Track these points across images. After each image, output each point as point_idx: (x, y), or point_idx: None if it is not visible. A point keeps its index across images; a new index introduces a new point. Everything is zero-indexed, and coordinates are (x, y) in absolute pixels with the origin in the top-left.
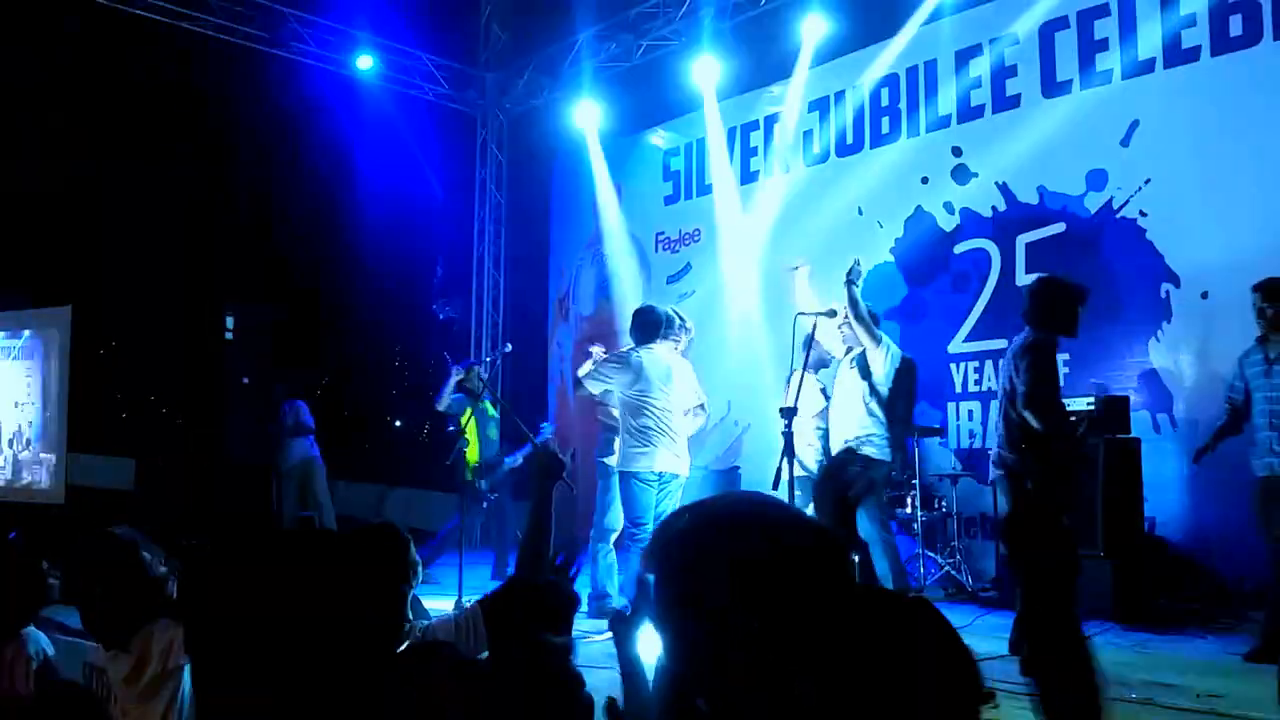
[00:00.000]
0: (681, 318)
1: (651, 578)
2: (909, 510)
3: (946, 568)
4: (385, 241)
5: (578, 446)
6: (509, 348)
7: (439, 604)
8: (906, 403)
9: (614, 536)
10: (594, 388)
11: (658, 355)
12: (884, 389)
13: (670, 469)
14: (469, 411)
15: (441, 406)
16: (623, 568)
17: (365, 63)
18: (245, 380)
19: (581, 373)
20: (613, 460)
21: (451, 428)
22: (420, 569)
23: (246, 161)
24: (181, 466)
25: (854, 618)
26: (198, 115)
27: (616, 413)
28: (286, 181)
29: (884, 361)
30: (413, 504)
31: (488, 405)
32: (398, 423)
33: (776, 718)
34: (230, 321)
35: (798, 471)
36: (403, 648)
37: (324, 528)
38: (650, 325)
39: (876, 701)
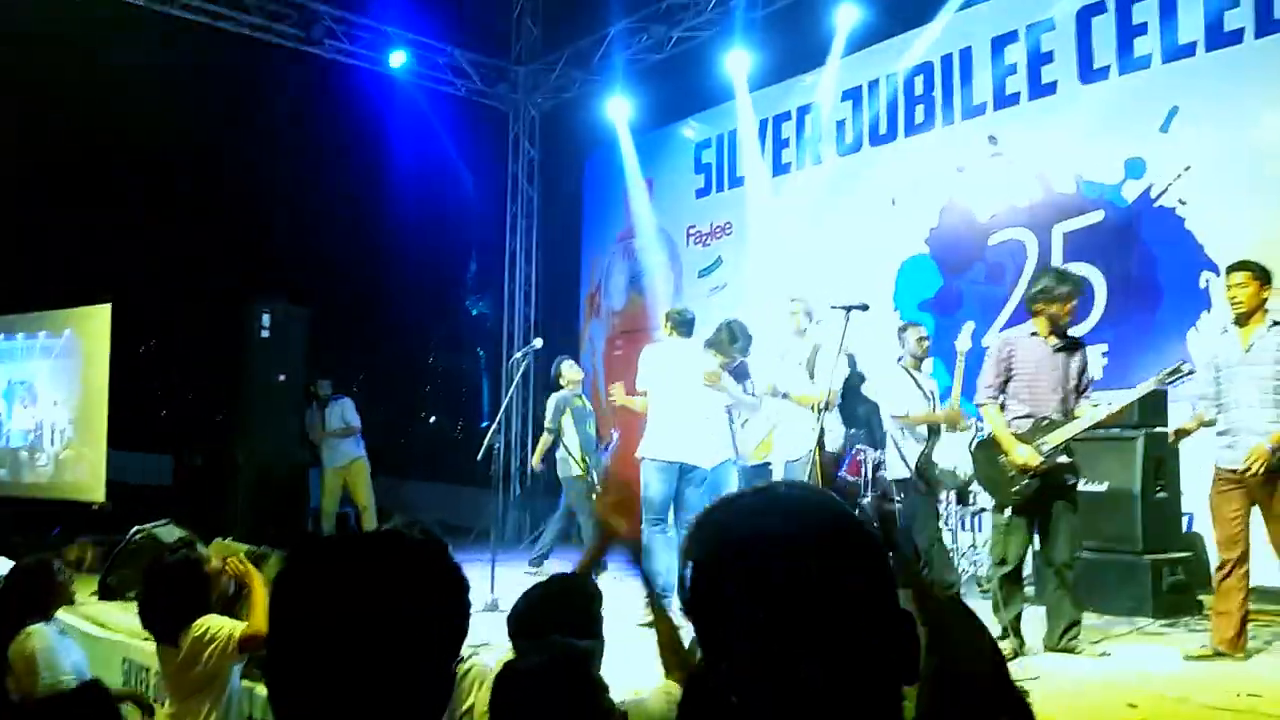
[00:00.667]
0: (735, 334)
1: (689, 570)
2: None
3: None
4: (418, 237)
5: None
6: (540, 343)
7: None
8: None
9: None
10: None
11: (674, 344)
12: None
13: (689, 459)
14: (567, 410)
15: (551, 423)
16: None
17: (398, 59)
18: (282, 378)
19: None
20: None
21: (485, 423)
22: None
23: (280, 159)
24: (219, 464)
25: (879, 610)
26: (233, 114)
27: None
28: (319, 179)
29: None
30: (446, 499)
31: (583, 400)
32: (432, 419)
33: (783, 706)
34: (266, 319)
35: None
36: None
37: (362, 527)
38: (687, 323)
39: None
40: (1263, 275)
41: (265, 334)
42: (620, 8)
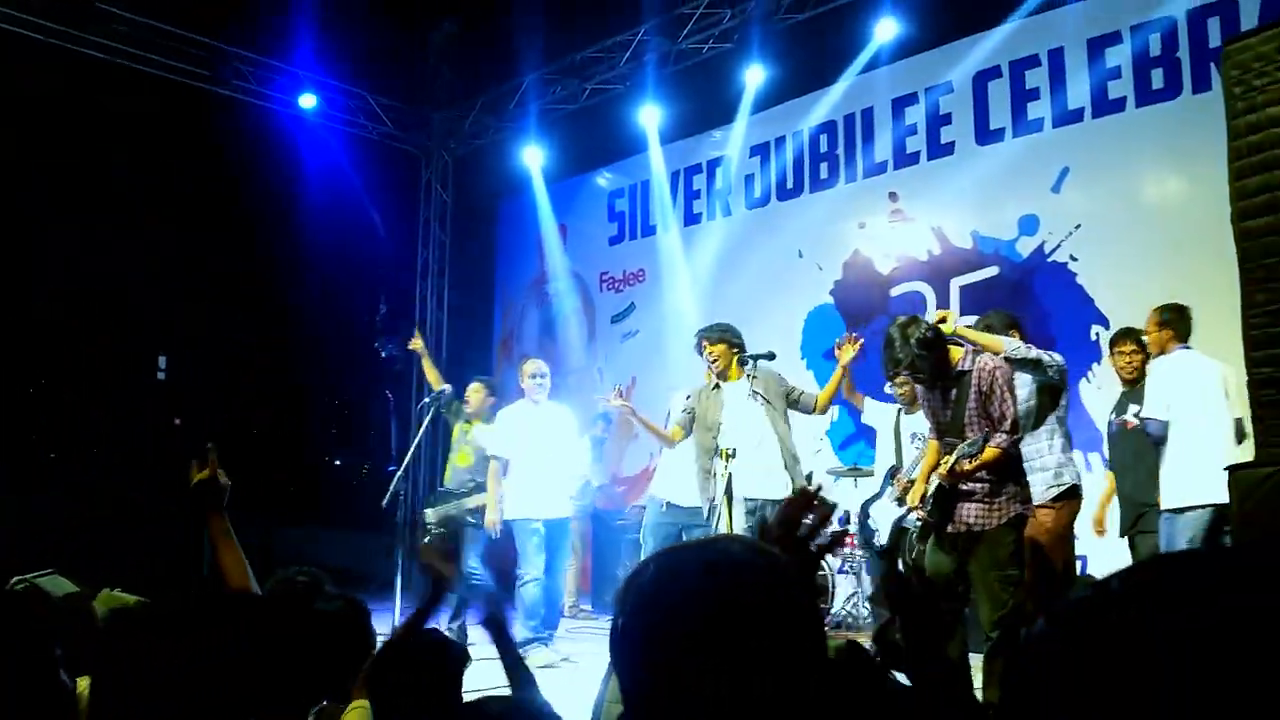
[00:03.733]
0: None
1: (620, 621)
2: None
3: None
4: (325, 279)
5: None
6: (449, 389)
7: None
8: None
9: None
10: None
11: (519, 405)
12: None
13: (529, 514)
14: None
15: None
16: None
17: (308, 101)
18: (177, 421)
19: None
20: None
21: (391, 467)
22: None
23: (186, 198)
24: (108, 508)
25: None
26: (137, 153)
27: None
28: (225, 220)
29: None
30: (349, 545)
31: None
32: (337, 461)
33: None
34: (162, 362)
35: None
36: None
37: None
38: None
39: None
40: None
41: (162, 375)
42: (534, 59)
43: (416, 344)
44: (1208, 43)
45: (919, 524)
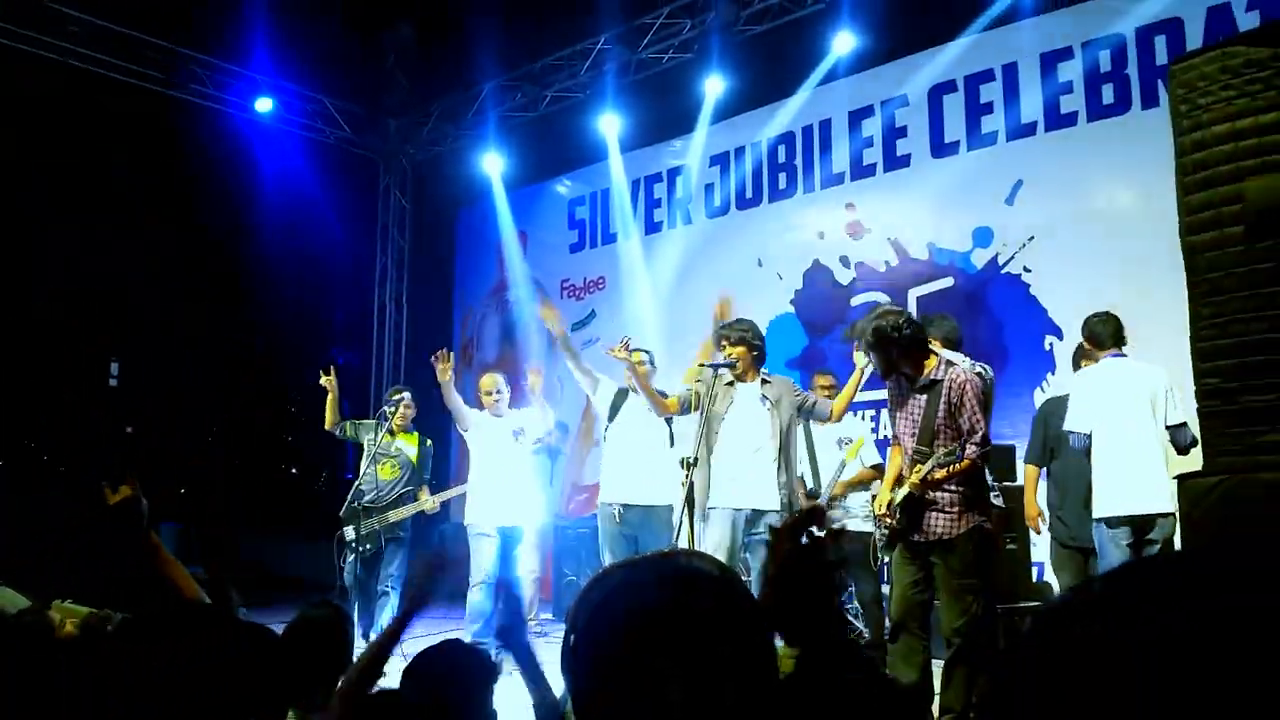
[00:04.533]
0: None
1: (572, 636)
2: None
3: None
4: (282, 285)
5: None
6: (408, 396)
7: None
8: None
9: None
10: None
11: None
12: None
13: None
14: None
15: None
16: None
17: (264, 105)
18: (129, 429)
19: None
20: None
21: (350, 475)
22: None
23: (138, 203)
24: (58, 516)
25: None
26: (92, 155)
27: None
28: (180, 223)
29: None
30: (305, 554)
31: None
32: (293, 470)
33: None
34: (115, 369)
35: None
36: None
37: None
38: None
39: None
40: None
41: (114, 383)
42: (493, 66)
43: (328, 381)
44: (1155, 60)
45: (885, 532)
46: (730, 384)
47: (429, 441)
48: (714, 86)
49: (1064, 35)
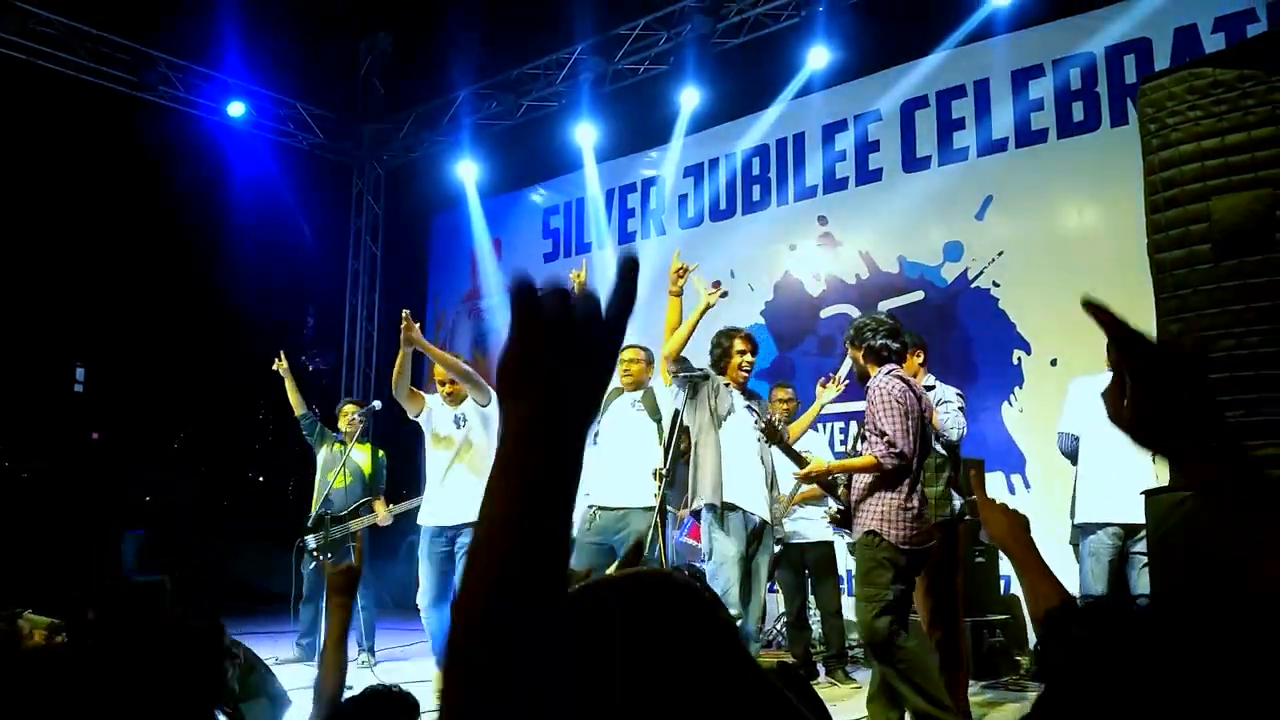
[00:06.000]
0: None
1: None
2: None
3: None
4: (253, 290)
5: None
6: (379, 405)
7: None
8: None
9: None
10: None
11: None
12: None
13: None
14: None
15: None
16: None
17: (236, 109)
18: (94, 435)
19: None
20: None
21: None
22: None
23: (105, 208)
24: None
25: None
26: (58, 158)
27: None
28: (149, 228)
29: None
30: (273, 563)
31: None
32: (261, 478)
33: None
34: (80, 374)
35: None
36: None
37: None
38: None
39: None
40: None
41: (79, 388)
42: (469, 74)
43: (281, 365)
44: (1124, 79)
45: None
46: (728, 386)
47: (381, 453)
48: (689, 98)
49: (1035, 53)
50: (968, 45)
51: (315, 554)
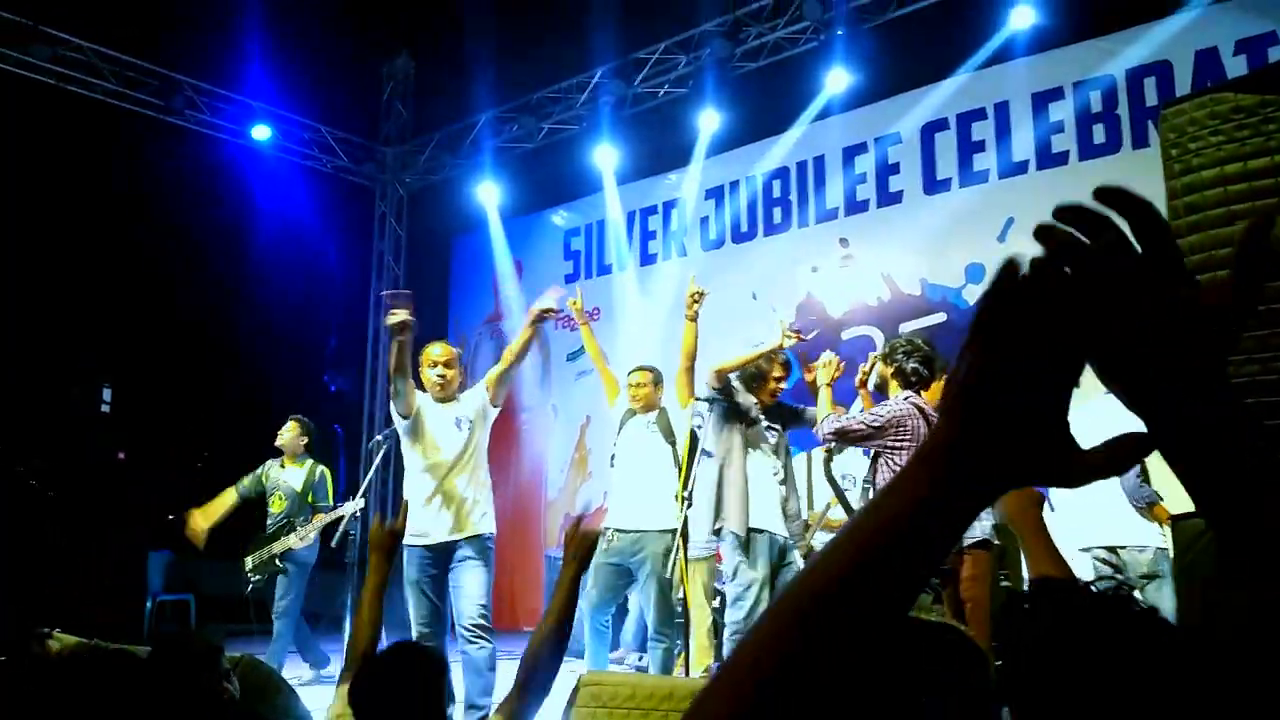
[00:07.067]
0: None
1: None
2: None
3: None
4: (276, 312)
5: None
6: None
7: None
8: None
9: None
10: None
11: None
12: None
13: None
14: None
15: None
16: None
17: (261, 133)
18: (121, 455)
19: None
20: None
21: (339, 504)
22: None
23: (132, 230)
24: (45, 548)
25: None
26: (84, 181)
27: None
28: (175, 250)
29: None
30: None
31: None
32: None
33: None
34: (107, 394)
35: None
36: None
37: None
38: None
39: None
40: None
41: (106, 408)
42: (490, 97)
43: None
44: (1145, 101)
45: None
46: (759, 404)
47: (321, 469)
48: (709, 121)
49: (1055, 76)
50: (987, 68)
51: (249, 575)
